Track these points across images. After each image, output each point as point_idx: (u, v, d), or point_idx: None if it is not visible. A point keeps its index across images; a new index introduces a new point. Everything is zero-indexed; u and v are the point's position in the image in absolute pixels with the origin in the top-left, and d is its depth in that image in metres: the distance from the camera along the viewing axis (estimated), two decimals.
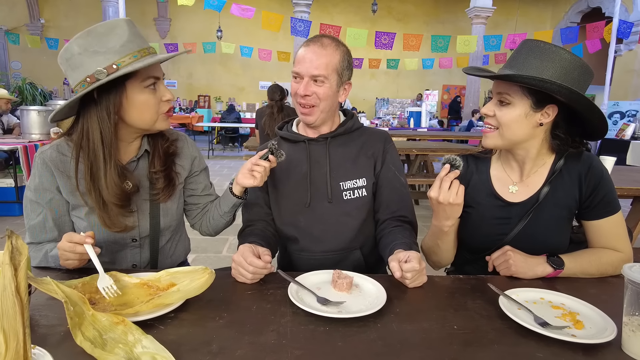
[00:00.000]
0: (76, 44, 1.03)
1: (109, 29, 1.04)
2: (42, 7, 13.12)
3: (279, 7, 11.64)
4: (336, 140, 1.35)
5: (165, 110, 1.15)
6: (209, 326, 0.84)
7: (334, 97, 1.28)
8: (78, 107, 1.11)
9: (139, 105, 1.10)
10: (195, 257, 3.35)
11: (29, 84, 9.34)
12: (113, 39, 1.03)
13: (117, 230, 1.14)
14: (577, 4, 12.96)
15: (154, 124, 1.14)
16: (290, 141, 1.38)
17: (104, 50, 1.02)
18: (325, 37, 1.28)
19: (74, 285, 0.92)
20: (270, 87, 4.37)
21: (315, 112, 1.27)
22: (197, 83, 14.40)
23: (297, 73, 1.26)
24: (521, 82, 1.08)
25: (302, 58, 1.24)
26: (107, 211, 1.11)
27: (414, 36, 9.29)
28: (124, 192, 1.13)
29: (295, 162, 1.33)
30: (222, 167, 8.26)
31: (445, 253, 1.28)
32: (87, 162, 1.09)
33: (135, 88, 1.08)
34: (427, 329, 0.85)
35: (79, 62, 1.03)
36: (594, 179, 1.17)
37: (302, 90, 1.24)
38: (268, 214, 1.38)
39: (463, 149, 5.26)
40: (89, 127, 1.08)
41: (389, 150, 1.36)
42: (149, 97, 1.10)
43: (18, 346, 0.64)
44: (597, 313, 0.90)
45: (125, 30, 1.05)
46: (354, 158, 1.33)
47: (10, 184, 4.37)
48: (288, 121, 1.46)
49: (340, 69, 1.26)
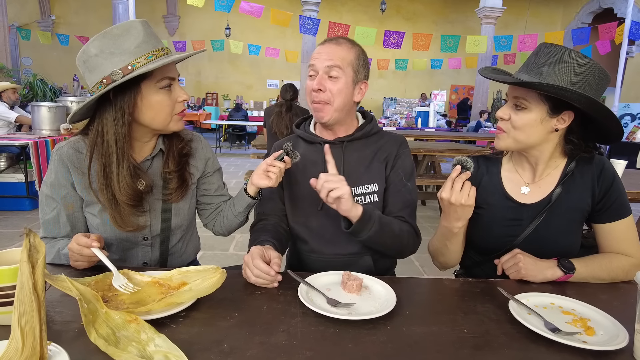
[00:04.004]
0: (92, 46, 1.04)
1: (124, 30, 1.05)
2: (53, 4, 13.23)
3: (288, 5, 11.63)
4: (352, 145, 1.33)
5: (180, 111, 1.16)
6: (220, 325, 0.84)
7: (349, 95, 1.26)
8: (94, 108, 1.12)
9: (153, 106, 1.10)
10: (202, 254, 3.37)
11: (39, 80, 9.42)
12: (128, 40, 1.04)
13: (128, 230, 1.15)
14: (589, 4, 12.81)
15: (168, 124, 1.15)
16: (307, 141, 1.37)
17: (119, 52, 1.03)
18: (341, 37, 1.28)
19: (87, 283, 0.94)
20: (284, 86, 4.37)
21: (328, 110, 1.25)
22: (205, 81, 14.44)
23: (312, 66, 1.25)
24: (540, 90, 1.07)
25: (317, 53, 1.25)
26: (118, 210, 1.12)
27: (423, 35, 9.24)
28: (136, 192, 1.13)
29: (311, 164, 1.33)
30: (229, 164, 8.29)
31: (453, 254, 1.28)
32: (100, 161, 1.10)
33: (151, 89, 1.09)
34: (437, 332, 0.85)
35: (95, 64, 1.04)
36: (607, 182, 1.16)
37: (315, 84, 1.23)
38: (282, 209, 1.38)
39: (471, 149, 5.22)
40: (103, 127, 1.09)
41: (401, 155, 1.34)
42: (163, 97, 1.11)
43: (34, 342, 0.66)
44: (608, 319, 0.89)
45: (140, 32, 1.06)
46: (368, 163, 1.32)
47: (21, 179, 4.42)
48: (306, 119, 1.45)
49: (356, 65, 1.25)
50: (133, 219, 1.15)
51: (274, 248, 1.13)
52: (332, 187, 1.06)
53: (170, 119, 1.15)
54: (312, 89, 1.24)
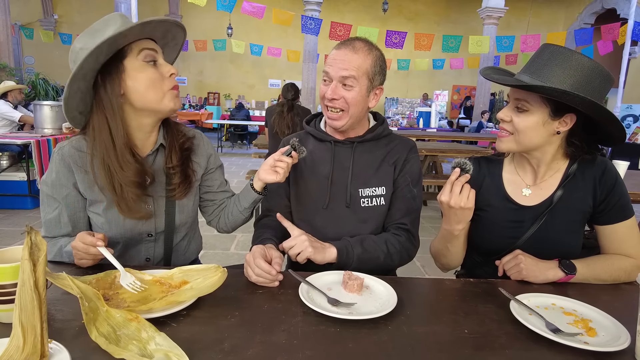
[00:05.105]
0: (77, 42, 1.08)
1: (104, 23, 1.08)
2: (55, 3, 13.26)
3: (290, 5, 11.63)
4: (363, 146, 1.32)
5: (171, 86, 1.14)
6: (221, 324, 0.84)
7: (364, 102, 1.25)
8: (90, 106, 1.12)
9: (142, 82, 1.09)
10: (204, 253, 3.37)
11: (42, 79, 9.43)
12: (108, 30, 1.05)
13: (135, 217, 1.15)
14: (591, 5, 12.77)
15: (162, 101, 1.13)
16: (317, 139, 1.37)
17: (100, 42, 1.03)
18: (359, 40, 1.24)
19: (88, 281, 0.94)
20: (285, 86, 4.37)
21: (344, 117, 1.24)
22: (207, 80, 14.45)
23: (326, 73, 1.24)
24: (542, 93, 1.06)
25: (332, 60, 1.22)
26: (124, 196, 1.11)
27: (425, 35, 9.24)
28: (138, 168, 1.13)
29: (319, 162, 1.32)
30: (230, 164, 8.29)
31: (454, 255, 1.27)
32: (99, 153, 1.10)
33: (135, 64, 1.08)
34: (438, 332, 0.85)
35: (80, 58, 1.05)
36: (608, 184, 1.16)
37: (329, 93, 1.21)
38: (287, 206, 1.38)
39: (472, 150, 5.22)
40: (99, 117, 1.10)
41: (409, 160, 1.33)
42: (150, 72, 1.10)
43: (35, 340, 0.66)
44: (610, 320, 0.89)
45: (117, 21, 1.07)
46: (377, 166, 1.31)
47: (23, 178, 4.44)
48: (316, 115, 1.44)
49: (372, 73, 1.23)
50: (139, 205, 1.14)
51: (276, 246, 1.13)
52: (296, 251, 1.10)
53: (163, 95, 1.13)
54: (326, 96, 1.23)
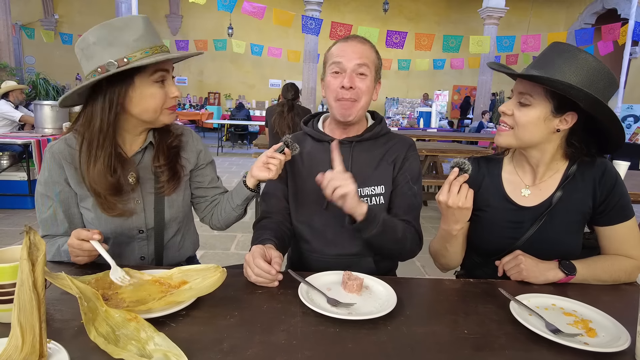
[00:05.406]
0: (92, 34, 1.06)
1: (125, 23, 1.07)
2: (56, 3, 13.28)
3: (291, 5, 11.63)
4: (361, 145, 1.33)
5: (170, 105, 1.17)
6: (220, 324, 0.84)
7: (371, 93, 1.28)
8: (86, 96, 1.13)
9: (145, 99, 1.11)
10: (204, 253, 3.37)
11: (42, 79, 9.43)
12: (127, 33, 1.05)
13: (115, 214, 1.16)
14: (592, 5, 12.75)
15: (158, 117, 1.16)
16: (315, 139, 1.37)
17: (117, 43, 1.05)
18: (359, 36, 1.29)
19: (87, 281, 0.94)
20: (285, 85, 4.37)
21: (356, 107, 1.25)
22: (207, 80, 14.46)
23: (338, 64, 1.23)
24: (547, 85, 1.06)
25: (342, 51, 1.24)
26: (100, 197, 1.13)
27: (426, 35, 9.24)
28: (111, 183, 1.13)
29: (317, 162, 1.32)
30: (230, 164, 8.29)
31: (453, 256, 1.27)
32: (85, 148, 1.12)
33: (144, 82, 1.10)
34: (437, 333, 0.85)
35: (93, 52, 1.06)
36: (608, 185, 1.15)
37: (347, 81, 1.21)
38: (286, 207, 1.37)
39: (473, 150, 5.22)
40: (92, 114, 1.10)
41: (409, 158, 1.33)
42: (156, 91, 1.12)
43: (34, 340, 0.66)
44: (610, 321, 0.89)
45: (140, 26, 1.07)
46: (376, 165, 1.31)
47: (23, 177, 4.45)
48: (314, 116, 1.44)
49: (377, 65, 1.28)
50: (119, 205, 1.16)
51: (275, 247, 1.12)
52: (337, 184, 1.06)
53: (161, 112, 1.15)
54: (340, 86, 1.23)
